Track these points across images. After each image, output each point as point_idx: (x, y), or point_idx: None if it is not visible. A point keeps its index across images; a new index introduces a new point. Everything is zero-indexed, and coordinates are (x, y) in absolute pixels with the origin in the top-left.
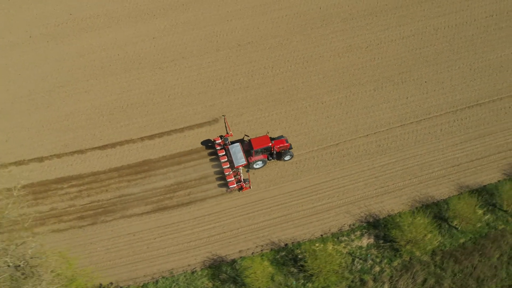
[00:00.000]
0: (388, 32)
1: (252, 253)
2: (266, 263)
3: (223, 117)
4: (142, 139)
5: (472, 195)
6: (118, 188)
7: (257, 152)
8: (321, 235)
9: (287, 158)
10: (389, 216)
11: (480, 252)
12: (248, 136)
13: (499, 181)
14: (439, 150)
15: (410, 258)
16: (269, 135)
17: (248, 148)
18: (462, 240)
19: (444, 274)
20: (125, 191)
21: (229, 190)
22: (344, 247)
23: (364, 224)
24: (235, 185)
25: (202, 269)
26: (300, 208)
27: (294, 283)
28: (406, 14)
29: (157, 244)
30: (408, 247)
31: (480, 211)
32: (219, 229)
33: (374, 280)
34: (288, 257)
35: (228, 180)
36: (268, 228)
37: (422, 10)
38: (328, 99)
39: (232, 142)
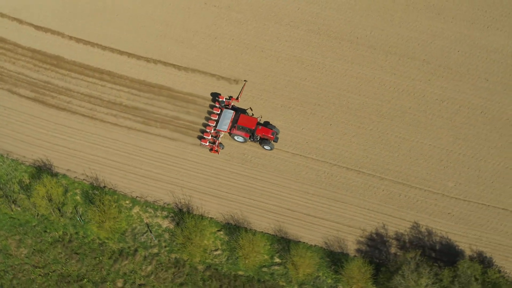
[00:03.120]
0: (338, 63)
1: (75, 177)
2: (77, 190)
3: (244, 82)
4: (70, 37)
5: (279, 242)
6: (23, 66)
7: (239, 128)
8: (136, 197)
9: (266, 147)
10: (201, 216)
11: None
12: (251, 109)
13: (315, 245)
14: (288, 188)
15: (187, 259)
16: (268, 123)
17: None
18: (240, 272)
19: None
20: (25, 71)
21: (201, 145)
22: (147, 218)
23: (176, 210)
24: (207, 144)
25: (29, 165)
26: (138, 165)
27: (80, 220)
28: (366, 56)
29: (14, 126)
30: (190, 248)
31: (277, 259)
32: (66, 142)
33: (144, 258)
34: (99, 198)
35: (204, 136)
36: (102, 166)
37: (384, 60)
38: (235, 93)
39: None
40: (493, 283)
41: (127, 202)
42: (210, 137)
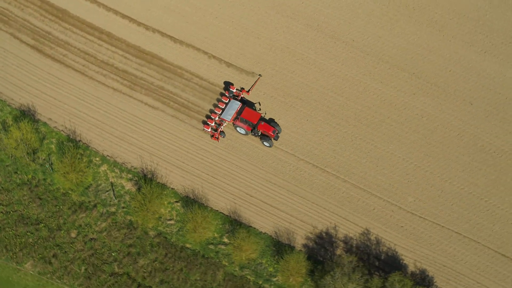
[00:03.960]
0: (328, 62)
1: (55, 127)
2: (53, 140)
3: (258, 76)
4: None
5: (231, 224)
6: (30, 14)
7: (242, 120)
8: (107, 156)
9: (265, 143)
10: (162, 184)
11: (187, 263)
12: (260, 104)
13: (265, 233)
14: (252, 174)
15: (141, 223)
16: (273, 120)
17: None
18: (187, 245)
19: (146, 253)
20: (31, 19)
21: (204, 130)
22: (112, 177)
23: (141, 174)
24: (209, 130)
25: (15, 108)
26: (115, 126)
27: (50, 168)
28: (357, 59)
29: (9, 69)
30: (144, 213)
31: (225, 239)
32: (54, 93)
33: (101, 214)
34: (72, 151)
35: (208, 123)
36: (82, 121)
37: (374, 67)
38: (221, 73)
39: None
40: None
41: (97, 159)
42: (213, 124)
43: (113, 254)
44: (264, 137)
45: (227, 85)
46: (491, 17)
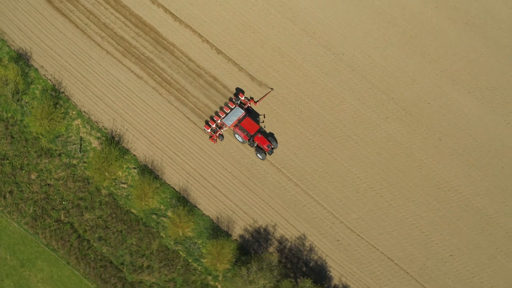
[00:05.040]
0: (314, 69)
1: (44, 75)
2: (39, 86)
3: (270, 89)
4: None
5: (178, 200)
6: None
7: (240, 128)
8: (83, 112)
9: (258, 155)
10: (125, 149)
11: (128, 227)
12: (264, 117)
13: (207, 215)
14: (211, 158)
15: (95, 181)
16: (272, 135)
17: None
18: (133, 210)
19: (94, 209)
20: None
21: (204, 130)
22: (83, 132)
23: (109, 136)
24: (209, 131)
25: (13, 50)
26: (99, 86)
27: (29, 112)
28: (342, 73)
29: (18, 13)
30: (98, 172)
31: (169, 213)
32: (52, 43)
33: (63, 164)
34: (49, 99)
35: (209, 124)
36: (69, 75)
37: (356, 84)
38: (208, 57)
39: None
40: None
41: (74, 112)
42: (214, 125)
43: (63, 202)
44: (258, 149)
45: (238, 91)
46: (484, 60)
